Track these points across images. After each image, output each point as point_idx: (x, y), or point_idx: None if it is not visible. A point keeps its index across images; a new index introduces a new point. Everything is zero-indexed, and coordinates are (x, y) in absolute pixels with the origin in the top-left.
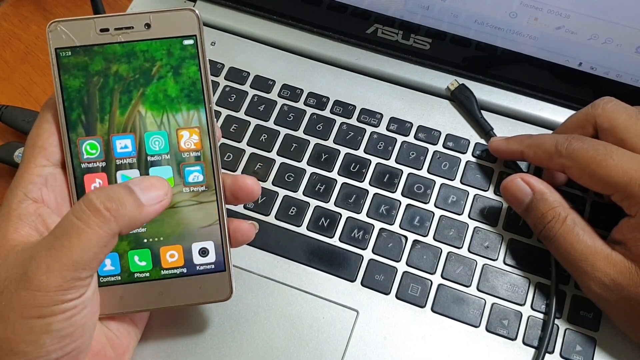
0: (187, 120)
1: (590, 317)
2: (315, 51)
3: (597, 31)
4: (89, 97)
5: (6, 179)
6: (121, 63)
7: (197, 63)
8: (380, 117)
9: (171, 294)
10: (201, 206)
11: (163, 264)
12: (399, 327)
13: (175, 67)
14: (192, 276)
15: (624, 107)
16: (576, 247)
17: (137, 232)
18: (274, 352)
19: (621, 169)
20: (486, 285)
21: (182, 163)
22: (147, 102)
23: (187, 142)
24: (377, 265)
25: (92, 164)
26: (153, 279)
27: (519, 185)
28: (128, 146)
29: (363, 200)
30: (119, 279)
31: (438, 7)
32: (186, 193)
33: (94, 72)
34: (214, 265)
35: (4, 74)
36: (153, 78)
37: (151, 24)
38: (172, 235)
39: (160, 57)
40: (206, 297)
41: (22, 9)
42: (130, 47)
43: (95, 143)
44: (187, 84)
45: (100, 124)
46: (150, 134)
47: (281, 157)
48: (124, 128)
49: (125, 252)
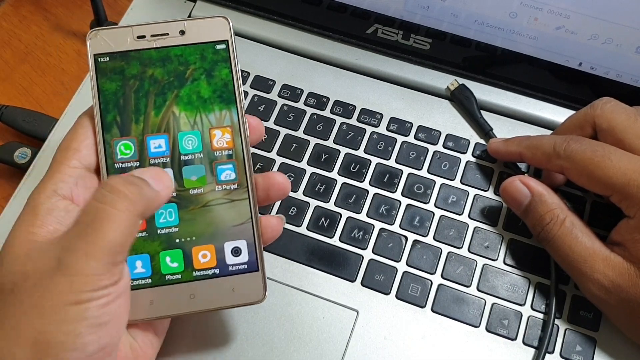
0: (220, 119)
1: (590, 317)
2: (315, 51)
3: (597, 31)
4: (125, 100)
5: (6, 179)
6: (156, 67)
7: (228, 66)
8: (380, 117)
9: (203, 297)
10: (233, 204)
11: (195, 265)
12: (399, 327)
13: (208, 70)
14: (224, 277)
15: (622, 107)
16: (575, 249)
17: (169, 232)
18: (274, 352)
19: (619, 170)
20: (486, 285)
21: (215, 161)
22: (181, 103)
23: (219, 140)
24: (377, 265)
25: (125, 164)
26: (185, 280)
27: (518, 187)
28: (162, 146)
29: (363, 200)
30: (150, 282)
31: (438, 7)
32: (219, 191)
33: (130, 75)
34: (246, 265)
35: (4, 74)
36: (187, 80)
37: (185, 31)
38: (204, 235)
39: (193, 61)
40: (239, 299)
41: (22, 9)
42: (166, 52)
43: (129, 143)
44: (220, 85)
45: (135, 124)
46: (183, 134)
47: (281, 157)
48: (158, 128)
49: (157, 253)
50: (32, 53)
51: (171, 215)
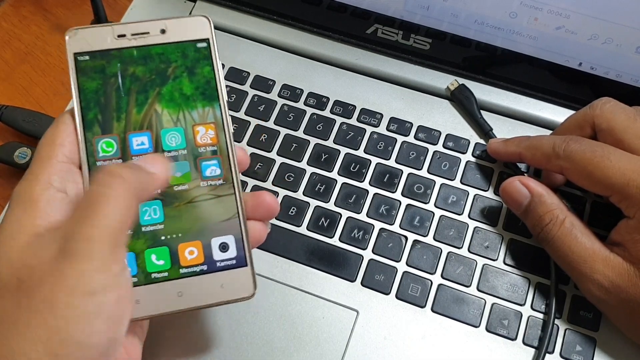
0: (203, 116)
1: (590, 317)
2: (315, 51)
3: (597, 31)
4: (106, 98)
5: (6, 179)
6: (137, 65)
7: (210, 63)
8: (380, 117)
9: (191, 294)
10: (219, 200)
11: (182, 262)
12: (399, 327)
13: (190, 67)
14: (212, 273)
15: (622, 107)
16: (574, 249)
17: (154, 230)
18: (274, 352)
19: (619, 170)
20: (486, 285)
21: (199, 158)
22: (164, 100)
23: (203, 137)
24: (377, 265)
25: (107, 162)
26: (172, 278)
27: (517, 187)
28: (145, 143)
29: (363, 200)
30: (136, 281)
31: (438, 7)
32: (204, 187)
33: (110, 74)
34: (235, 261)
35: (4, 74)
36: (169, 78)
37: (166, 30)
38: (191, 231)
39: (175, 59)
40: (228, 295)
41: (22, 9)
42: (147, 51)
43: (111, 141)
44: (202, 82)
45: (117, 122)
46: (167, 131)
47: (281, 157)
48: (140, 126)
49: (142, 251)
50: (32, 53)
51: (156, 212)
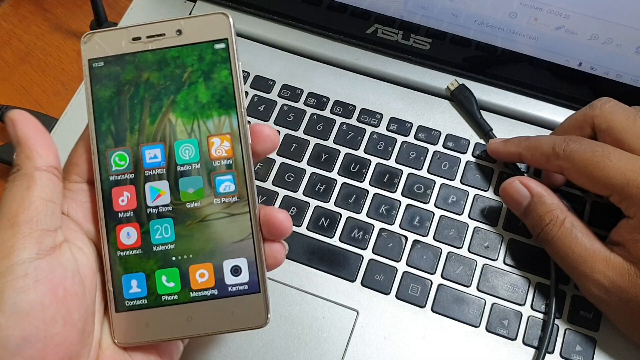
0: (218, 126)
1: (590, 317)
2: (315, 51)
3: (597, 31)
4: (120, 107)
5: (6, 179)
6: (152, 71)
7: (228, 67)
8: (380, 117)
9: (201, 320)
10: (233, 218)
11: (192, 285)
12: (399, 327)
13: (207, 72)
14: (223, 299)
15: (621, 107)
16: (574, 249)
17: (165, 249)
18: (274, 352)
19: (619, 170)
20: (486, 285)
21: (213, 172)
22: (178, 109)
23: (218, 149)
24: (377, 265)
25: (120, 176)
26: (181, 302)
27: (517, 187)
28: (157, 156)
29: (363, 200)
30: (146, 302)
31: (438, 7)
32: (217, 205)
33: (125, 81)
34: (247, 286)
35: (4, 74)
36: (184, 84)
37: (182, 30)
38: (202, 252)
39: (191, 63)
40: (239, 323)
41: (22, 9)
42: (162, 55)
43: (124, 154)
44: (219, 88)
45: (130, 134)
46: (180, 143)
47: (281, 157)
48: (153, 137)
49: (153, 272)
50: (32, 53)
51: (167, 230)
